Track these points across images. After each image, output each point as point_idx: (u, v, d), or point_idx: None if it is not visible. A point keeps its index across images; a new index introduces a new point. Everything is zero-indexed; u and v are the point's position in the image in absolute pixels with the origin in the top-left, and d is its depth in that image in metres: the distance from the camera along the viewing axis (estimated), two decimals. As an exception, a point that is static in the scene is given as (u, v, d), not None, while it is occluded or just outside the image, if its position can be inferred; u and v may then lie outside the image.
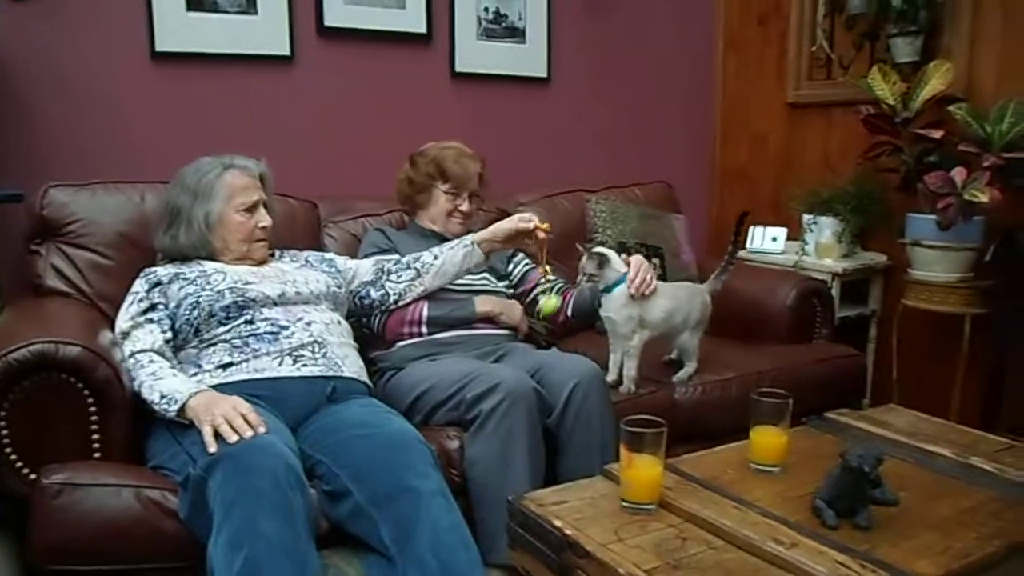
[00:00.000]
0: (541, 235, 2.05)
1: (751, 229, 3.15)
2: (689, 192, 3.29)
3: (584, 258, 2.04)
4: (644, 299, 2.05)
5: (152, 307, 1.78)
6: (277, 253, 2.09)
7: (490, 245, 2.10)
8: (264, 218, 1.96)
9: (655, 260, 2.70)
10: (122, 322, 1.76)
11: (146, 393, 1.62)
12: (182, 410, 1.56)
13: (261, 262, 1.98)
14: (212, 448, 1.46)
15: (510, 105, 3.06)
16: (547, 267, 2.07)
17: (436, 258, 2.09)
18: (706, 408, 2.20)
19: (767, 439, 1.50)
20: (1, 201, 2.03)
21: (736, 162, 3.53)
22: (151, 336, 1.73)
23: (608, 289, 2.04)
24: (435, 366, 1.97)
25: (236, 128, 2.53)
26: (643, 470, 1.34)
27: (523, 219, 2.08)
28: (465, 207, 2.28)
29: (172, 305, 1.79)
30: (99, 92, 2.38)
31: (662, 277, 2.72)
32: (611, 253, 2.06)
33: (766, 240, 3.12)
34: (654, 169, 3.14)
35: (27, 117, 2.29)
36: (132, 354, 1.69)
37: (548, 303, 2.11)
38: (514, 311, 2.19)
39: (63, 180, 2.09)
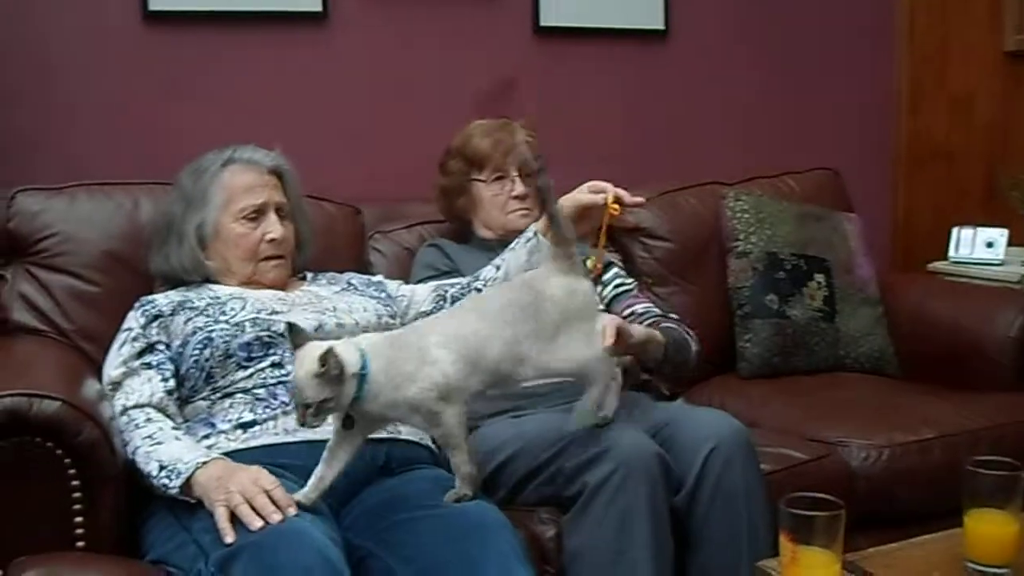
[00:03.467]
0: (613, 212, 1.95)
1: (956, 230, 3.09)
2: (864, 182, 3.24)
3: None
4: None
5: (150, 347, 1.83)
6: (309, 275, 2.13)
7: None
8: (273, 227, 1.98)
9: (819, 276, 2.66)
10: (112, 368, 1.82)
11: (142, 462, 1.65)
12: (187, 485, 1.59)
13: (283, 286, 2.02)
14: (228, 537, 1.48)
15: (614, 69, 3.09)
16: (601, 252, 1.98)
17: (499, 268, 2.08)
18: (896, 481, 2.19)
19: (990, 528, 1.47)
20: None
21: (931, 138, 3.49)
22: (149, 386, 1.78)
23: (358, 395, 1.56)
24: (523, 424, 1.98)
25: (255, 109, 2.62)
26: (814, 569, 1.32)
27: (594, 188, 1.97)
28: (519, 190, 2.28)
29: (176, 344, 1.84)
30: (83, 66, 2.48)
31: (830, 298, 2.68)
32: (341, 349, 1.55)
33: (978, 246, 3.06)
34: (814, 152, 3.12)
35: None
36: (125, 410, 1.74)
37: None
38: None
39: (37, 183, 2.16)
